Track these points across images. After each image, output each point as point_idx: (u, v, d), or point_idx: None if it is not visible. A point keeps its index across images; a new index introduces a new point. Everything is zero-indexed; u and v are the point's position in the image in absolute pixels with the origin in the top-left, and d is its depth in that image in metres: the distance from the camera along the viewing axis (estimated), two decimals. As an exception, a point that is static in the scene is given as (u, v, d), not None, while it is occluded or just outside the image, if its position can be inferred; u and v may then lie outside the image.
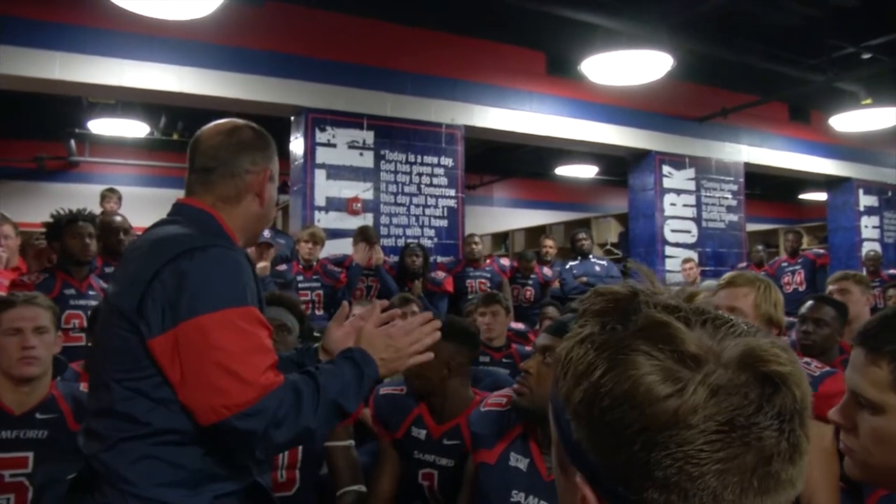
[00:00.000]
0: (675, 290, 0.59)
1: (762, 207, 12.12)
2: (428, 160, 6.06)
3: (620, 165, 8.27)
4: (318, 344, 1.65)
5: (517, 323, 4.58)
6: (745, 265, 7.23)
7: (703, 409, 0.49)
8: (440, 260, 5.94)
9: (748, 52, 6.01)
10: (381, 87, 5.85)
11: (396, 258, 5.58)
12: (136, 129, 7.46)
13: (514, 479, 1.77)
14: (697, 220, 7.58)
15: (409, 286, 5.25)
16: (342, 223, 5.63)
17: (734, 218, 7.83)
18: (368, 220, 5.72)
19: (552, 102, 6.63)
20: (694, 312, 0.54)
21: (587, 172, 10.23)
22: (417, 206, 6.00)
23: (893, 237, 9.25)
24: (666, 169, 7.40)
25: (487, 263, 6.04)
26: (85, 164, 9.21)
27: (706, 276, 7.07)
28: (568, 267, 6.60)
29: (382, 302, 1.60)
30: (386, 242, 5.71)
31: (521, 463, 1.78)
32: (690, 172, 7.55)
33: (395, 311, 1.58)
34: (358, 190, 5.76)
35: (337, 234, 5.51)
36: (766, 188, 11.15)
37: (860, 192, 8.96)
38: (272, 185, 1.51)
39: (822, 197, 9.76)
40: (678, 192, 7.48)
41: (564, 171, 10.10)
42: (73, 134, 8.44)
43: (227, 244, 1.36)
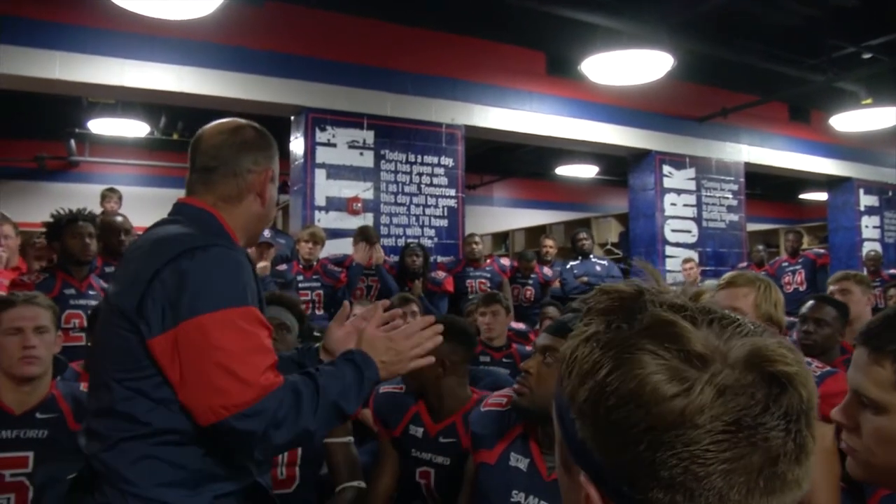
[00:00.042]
0: (679, 289, 0.58)
1: (762, 207, 12.11)
2: (428, 160, 6.05)
3: (621, 165, 8.26)
4: (318, 344, 1.65)
5: (518, 323, 4.58)
6: (745, 265, 7.23)
7: (709, 408, 0.49)
8: (440, 260, 5.94)
9: (748, 51, 6.01)
10: (381, 86, 5.84)
11: (396, 258, 5.58)
12: (136, 128, 7.46)
13: (514, 479, 1.77)
14: (698, 219, 7.57)
15: (409, 286, 5.25)
16: (342, 223, 5.62)
17: (734, 218, 7.83)
18: (368, 219, 5.72)
19: (552, 102, 6.62)
20: (700, 312, 0.54)
21: (587, 172, 10.23)
22: (418, 205, 6.00)
23: (894, 237, 9.24)
24: (666, 169, 7.40)
25: (487, 263, 6.03)
26: (85, 163, 9.21)
27: (706, 276, 7.07)
28: (569, 267, 6.59)
29: (384, 302, 1.60)
30: (386, 242, 5.70)
31: (521, 463, 1.78)
32: (691, 172, 7.55)
33: (395, 311, 1.59)
34: (358, 190, 5.76)
35: (337, 233, 5.50)
36: (766, 188, 11.15)
37: (861, 191, 8.96)
38: (273, 185, 1.51)
39: (822, 197, 9.76)
40: (678, 191, 7.47)
41: (565, 170, 10.09)
42: (73, 134, 8.44)
43: (227, 244, 1.35)
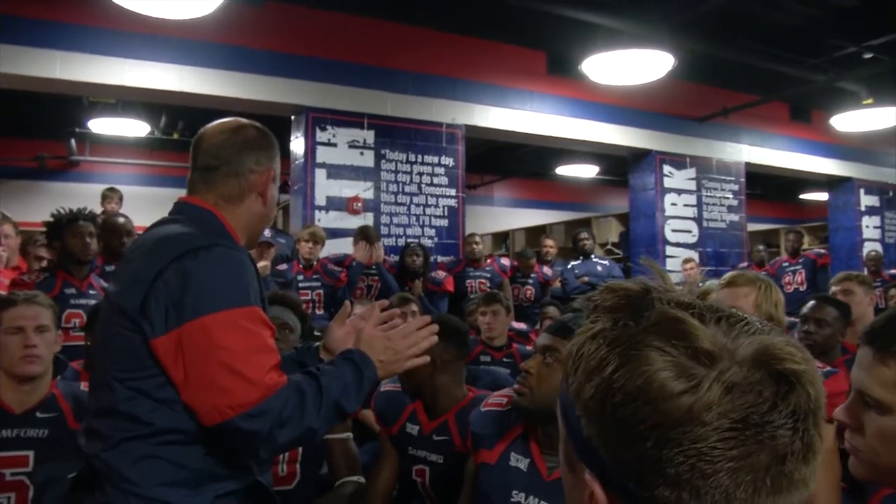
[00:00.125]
0: (685, 288, 0.58)
1: (763, 207, 12.10)
2: (428, 160, 6.05)
3: (621, 165, 8.26)
4: (318, 343, 1.65)
5: (518, 322, 4.58)
6: (746, 265, 7.23)
7: (717, 406, 0.49)
8: (440, 259, 5.94)
9: (749, 51, 6.00)
10: (381, 86, 5.84)
11: (397, 258, 5.58)
12: (136, 128, 7.45)
13: (514, 479, 1.76)
14: (698, 219, 7.57)
15: (409, 286, 5.25)
16: (342, 223, 5.62)
17: (735, 218, 7.83)
18: (369, 219, 5.71)
19: (553, 102, 6.62)
20: (708, 309, 0.54)
21: (588, 172, 10.23)
22: (418, 205, 6.00)
23: (894, 237, 9.24)
24: (667, 169, 7.40)
25: (488, 263, 6.03)
26: (85, 163, 9.20)
27: (707, 276, 7.06)
28: (570, 266, 6.59)
29: (382, 302, 1.60)
30: (386, 242, 5.70)
31: (521, 463, 1.78)
32: (691, 172, 7.55)
33: (394, 310, 1.59)
34: (358, 189, 5.76)
35: (337, 233, 5.50)
36: (767, 188, 11.14)
37: (861, 191, 8.95)
38: (274, 185, 1.51)
39: (823, 197, 9.75)
40: (679, 191, 7.47)
41: (565, 170, 10.09)
42: (73, 133, 8.44)
43: (229, 243, 1.35)
